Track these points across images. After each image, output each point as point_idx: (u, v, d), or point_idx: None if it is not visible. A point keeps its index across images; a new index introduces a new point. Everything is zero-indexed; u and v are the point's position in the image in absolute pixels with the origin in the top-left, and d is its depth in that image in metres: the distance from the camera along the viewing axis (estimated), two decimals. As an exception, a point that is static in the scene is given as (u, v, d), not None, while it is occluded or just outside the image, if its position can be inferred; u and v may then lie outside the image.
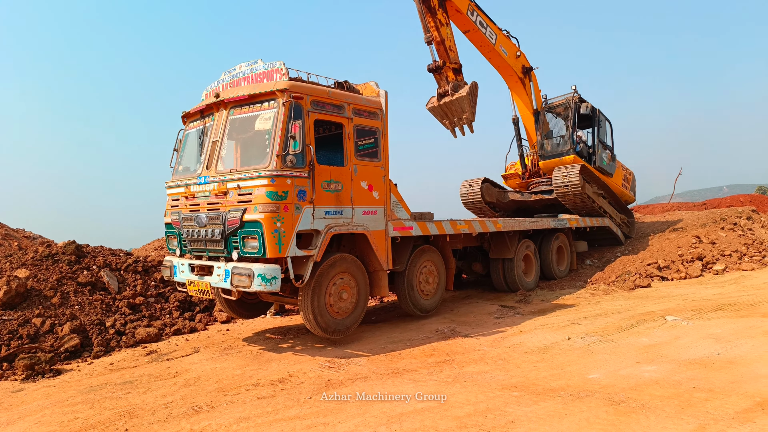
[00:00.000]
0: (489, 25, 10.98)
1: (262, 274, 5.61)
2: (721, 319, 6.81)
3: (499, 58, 11.49)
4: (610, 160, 12.92)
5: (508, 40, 11.61)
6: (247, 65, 6.59)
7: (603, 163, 12.54)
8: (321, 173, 6.16)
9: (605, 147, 12.86)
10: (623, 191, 13.85)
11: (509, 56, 11.60)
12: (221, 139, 6.37)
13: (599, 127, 12.53)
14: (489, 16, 11.01)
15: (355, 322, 6.68)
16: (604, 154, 12.72)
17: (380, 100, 6.99)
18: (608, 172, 12.74)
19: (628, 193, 14.21)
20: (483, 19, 10.79)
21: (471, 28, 10.69)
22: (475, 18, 10.54)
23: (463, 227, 8.10)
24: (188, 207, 6.56)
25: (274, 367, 5.82)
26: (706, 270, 10.65)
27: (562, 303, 8.64)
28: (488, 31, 10.93)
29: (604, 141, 12.81)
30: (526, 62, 12.14)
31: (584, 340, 6.15)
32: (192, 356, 6.59)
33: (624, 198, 14.12)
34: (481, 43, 11.12)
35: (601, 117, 12.66)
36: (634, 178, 14.71)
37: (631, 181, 14.41)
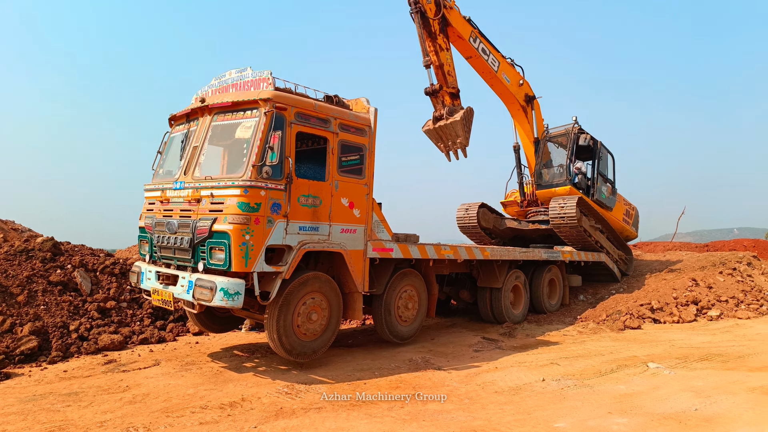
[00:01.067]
0: (492, 52, 10.88)
1: (224, 288, 5.35)
2: (705, 370, 6.47)
3: (501, 85, 11.36)
4: (610, 193, 12.65)
5: (511, 68, 11.49)
6: (236, 72, 6.42)
7: (602, 197, 12.26)
8: (299, 187, 5.93)
9: (606, 180, 12.59)
10: (624, 226, 13.53)
11: (512, 84, 11.45)
12: (202, 145, 6.17)
13: (600, 160, 12.28)
14: (492, 43, 10.91)
15: (323, 346, 6.39)
16: (604, 187, 12.44)
17: (369, 116, 6.78)
18: (607, 206, 12.47)
19: (630, 228, 13.88)
20: (486, 46, 10.70)
21: (473, 55, 10.59)
22: (478, 45, 10.47)
23: (448, 253, 7.81)
24: (162, 212, 6.34)
25: (229, 389, 5.54)
26: (701, 315, 10.28)
27: (547, 339, 8.31)
28: (491, 58, 10.83)
29: (604, 174, 12.55)
30: (529, 91, 11.99)
31: (559, 383, 5.82)
32: (150, 369, 6.32)
33: (625, 233, 13.80)
34: (483, 70, 11.03)
35: (603, 150, 12.43)
36: (638, 214, 14.37)
37: (633, 217, 14.08)
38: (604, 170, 12.52)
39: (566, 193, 11.56)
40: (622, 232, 13.66)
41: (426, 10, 9.05)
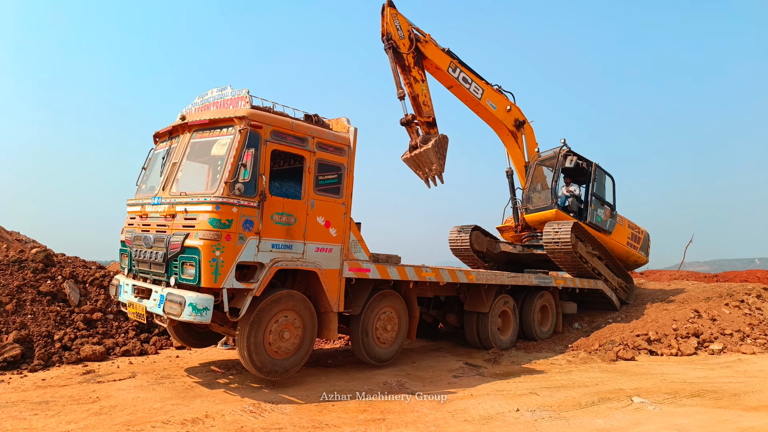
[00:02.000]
0: (474, 80, 10.87)
1: (193, 303, 5.35)
2: (695, 407, 6.22)
3: (486, 112, 11.33)
4: (608, 216, 12.30)
5: (497, 94, 11.42)
6: (217, 90, 6.51)
7: (597, 219, 11.93)
8: (272, 204, 5.94)
9: (603, 203, 12.26)
10: (629, 251, 13.14)
11: (498, 110, 11.40)
12: (180, 162, 6.25)
13: (594, 182, 11.96)
14: (475, 71, 10.89)
15: (296, 364, 6.32)
16: (601, 210, 12.12)
17: (349, 136, 6.80)
18: (604, 230, 12.13)
19: (637, 253, 13.42)
20: (467, 74, 10.71)
21: (453, 84, 10.63)
22: (458, 74, 10.51)
23: (429, 275, 7.71)
24: (141, 226, 6.40)
25: (196, 404, 5.50)
26: (702, 348, 9.95)
27: (532, 368, 8.11)
28: (473, 86, 10.83)
29: (600, 196, 12.20)
30: (519, 115, 11.88)
31: (533, 414, 5.65)
32: (124, 381, 6.33)
33: (632, 258, 13.39)
34: (466, 98, 11.02)
35: (598, 171, 12.08)
36: (647, 238, 13.89)
37: (642, 241, 13.60)
38: (601, 192, 12.20)
39: (552, 216, 11.34)
40: (629, 257, 13.27)
41: (399, 45, 9.19)
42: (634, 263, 13.74)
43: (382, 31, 9.18)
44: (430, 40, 9.84)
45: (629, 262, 13.54)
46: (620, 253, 12.90)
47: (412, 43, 9.39)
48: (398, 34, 9.18)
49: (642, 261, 13.76)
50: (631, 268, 14.10)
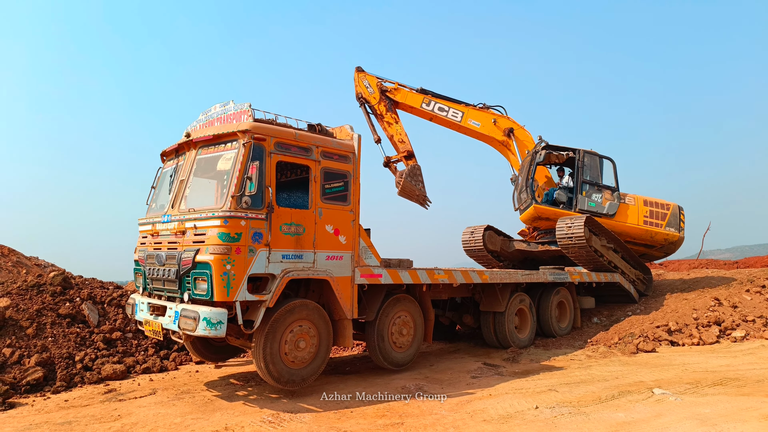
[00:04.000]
0: (451, 106, 11.60)
1: (207, 317, 5.41)
2: (717, 396, 6.13)
3: (471, 131, 11.89)
4: (609, 199, 11.90)
5: (478, 112, 11.91)
6: (220, 106, 6.59)
7: (590, 205, 11.68)
8: (281, 215, 5.99)
9: (599, 187, 11.89)
10: (651, 230, 12.18)
11: (483, 126, 11.85)
12: (188, 179, 6.33)
13: (583, 168, 11.74)
14: (450, 98, 11.64)
15: (313, 373, 6.35)
16: (597, 194, 11.80)
17: (353, 143, 6.83)
18: (601, 213, 11.75)
19: (663, 231, 12.26)
20: (442, 103, 11.53)
21: (432, 117, 11.53)
22: (432, 107, 11.41)
23: (442, 277, 7.71)
24: (153, 245, 6.49)
25: (216, 418, 5.54)
26: (724, 336, 9.80)
27: (552, 364, 8.05)
28: (450, 112, 11.56)
29: (593, 181, 11.88)
30: (508, 124, 12.08)
31: (552, 411, 5.61)
32: (145, 398, 6.39)
33: (658, 237, 12.30)
34: (447, 124, 11.76)
35: (588, 157, 11.84)
36: (677, 213, 12.48)
37: (668, 217, 12.35)
38: (595, 177, 11.89)
39: (533, 213, 11.67)
40: (654, 237, 12.30)
41: (370, 100, 10.71)
42: (664, 242, 12.45)
43: (355, 93, 10.92)
44: (399, 87, 11.18)
45: (657, 241, 12.43)
46: (638, 234, 12.19)
47: (383, 93, 10.86)
48: (368, 91, 10.86)
49: (672, 238, 12.41)
50: (666, 250, 12.82)
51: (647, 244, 12.54)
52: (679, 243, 12.63)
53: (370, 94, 10.89)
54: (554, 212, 11.57)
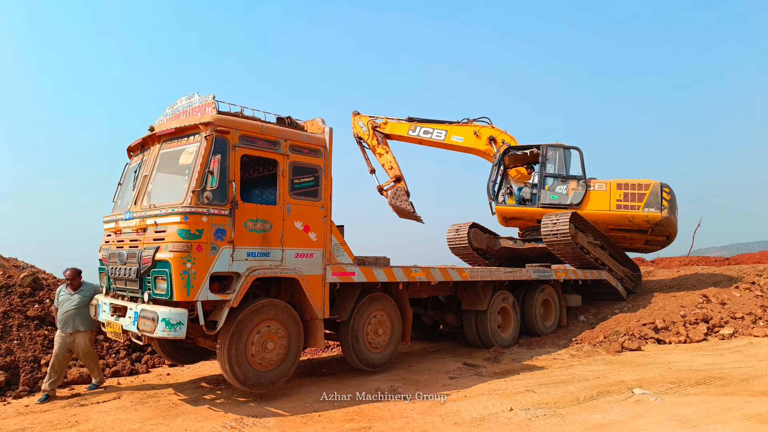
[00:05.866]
0: (435, 128, 12.40)
1: (166, 318, 5.17)
2: (699, 396, 5.93)
3: (455, 146, 12.49)
4: (575, 189, 11.59)
5: (461, 127, 12.44)
6: (186, 99, 6.36)
7: (552, 198, 11.56)
8: (245, 211, 5.75)
9: (564, 179, 11.67)
10: (627, 214, 11.36)
11: (465, 140, 12.35)
12: (151, 174, 6.09)
13: (546, 163, 11.70)
14: (434, 120, 12.48)
15: (282, 375, 6.11)
16: (561, 186, 11.62)
17: (324, 137, 6.60)
18: (565, 204, 11.49)
19: (642, 212, 11.29)
20: (427, 126, 12.42)
21: (419, 140, 12.48)
22: (418, 132, 12.39)
23: (420, 275, 7.48)
24: (116, 243, 6.25)
25: (177, 423, 5.32)
26: (712, 334, 9.62)
27: (533, 364, 7.84)
28: (434, 133, 12.36)
29: (556, 174, 11.72)
30: (489, 133, 12.34)
31: (528, 413, 5.40)
32: (108, 403, 6.17)
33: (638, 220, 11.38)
34: (434, 144, 12.61)
35: (551, 151, 11.73)
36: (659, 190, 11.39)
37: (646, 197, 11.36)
38: (562, 169, 11.72)
39: (499, 215, 12.23)
40: (633, 219, 11.41)
41: (364, 138, 12.27)
42: (649, 225, 11.49)
43: (353, 132, 12.55)
44: (387, 121, 12.47)
45: (640, 225, 11.54)
46: (614, 220, 11.54)
47: (374, 129, 12.30)
48: (362, 130, 12.34)
49: (655, 218, 11.30)
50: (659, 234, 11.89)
51: (632, 230, 11.83)
52: (667, 224, 11.48)
53: (364, 133, 12.32)
54: (516, 211, 11.95)
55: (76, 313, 6.58)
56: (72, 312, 6.56)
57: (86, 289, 6.75)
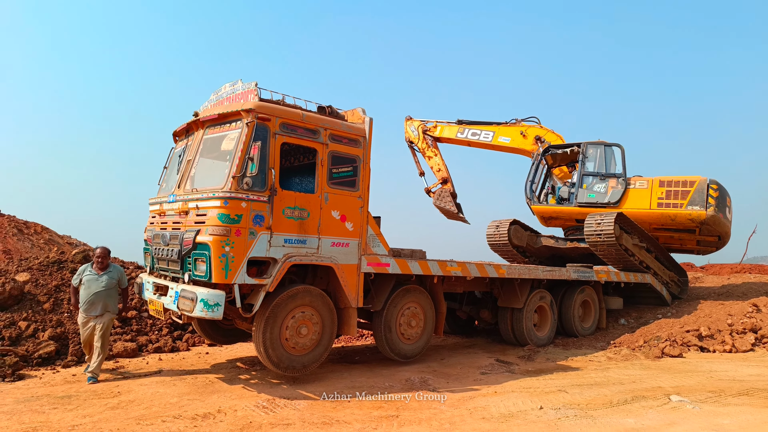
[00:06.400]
0: (482, 129, 12.48)
1: (204, 299, 5.35)
2: (740, 406, 5.70)
3: (502, 148, 12.50)
4: (615, 187, 11.22)
5: (508, 128, 12.39)
6: (230, 85, 6.51)
7: (589, 197, 11.25)
8: (284, 198, 5.86)
9: (603, 177, 11.33)
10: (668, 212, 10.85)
11: (513, 141, 12.30)
12: (194, 158, 6.28)
13: (585, 161, 11.45)
14: (481, 121, 12.57)
15: (315, 361, 6.23)
16: (600, 185, 11.28)
17: (364, 127, 6.64)
18: (602, 203, 11.15)
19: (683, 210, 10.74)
20: (474, 128, 12.55)
21: (468, 143, 12.66)
22: (466, 134, 12.53)
23: (455, 269, 7.45)
24: (160, 225, 6.49)
25: (212, 400, 5.51)
26: (760, 345, 9.20)
27: (567, 365, 7.70)
28: (482, 135, 12.43)
29: (596, 172, 11.42)
30: (536, 132, 12.16)
31: (557, 413, 5.32)
32: (150, 377, 6.43)
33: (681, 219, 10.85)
34: (482, 146, 12.74)
35: (591, 149, 11.43)
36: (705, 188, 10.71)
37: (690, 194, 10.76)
38: (601, 167, 11.38)
39: (538, 212, 12.12)
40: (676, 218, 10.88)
41: (415, 142, 12.69)
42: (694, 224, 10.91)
43: (405, 137, 12.92)
44: (437, 124, 12.74)
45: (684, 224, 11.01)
46: (655, 219, 11.02)
47: (425, 133, 12.66)
48: (413, 135, 12.76)
49: (699, 217, 10.68)
50: (708, 233, 11.30)
51: (679, 229, 11.32)
52: (714, 222, 10.80)
53: (415, 137, 12.75)
54: (553, 210, 11.81)
55: (106, 295, 6.22)
56: (102, 293, 6.19)
57: (113, 271, 6.36)
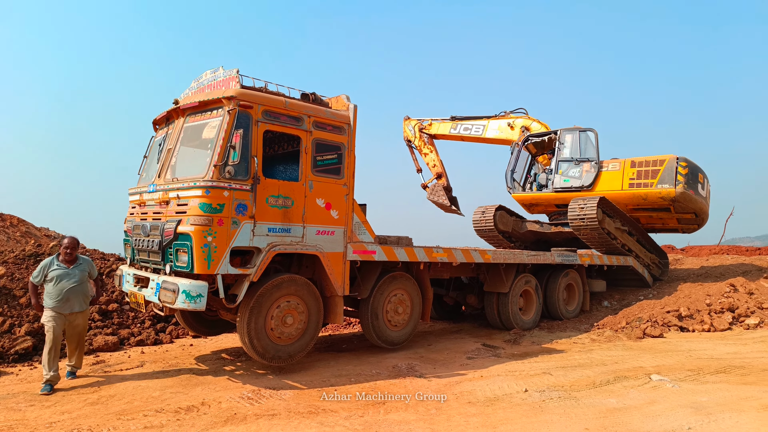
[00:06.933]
0: (474, 122, 12.84)
1: (186, 290, 5.27)
2: (718, 384, 5.83)
3: (493, 140, 12.78)
4: (588, 170, 11.36)
5: (497, 120, 12.67)
6: (211, 72, 6.37)
7: (565, 182, 11.47)
8: (267, 187, 5.78)
9: (578, 161, 11.46)
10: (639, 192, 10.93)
11: (501, 132, 12.59)
12: (175, 147, 6.15)
13: (561, 146, 11.64)
14: (473, 116, 12.92)
15: (301, 350, 6.19)
16: (574, 169, 11.44)
17: (348, 114, 6.56)
18: (576, 187, 11.32)
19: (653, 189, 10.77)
20: (467, 122, 12.90)
21: (461, 137, 13.00)
22: (458, 129, 12.90)
23: (441, 255, 7.45)
24: (140, 215, 6.36)
25: (196, 392, 5.45)
26: (737, 323, 9.41)
27: (552, 347, 7.79)
28: (474, 128, 12.77)
29: (570, 158, 11.55)
30: (523, 123, 12.35)
31: (542, 395, 5.38)
32: (131, 371, 6.33)
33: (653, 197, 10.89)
34: (474, 139, 12.95)
35: (564, 135, 11.59)
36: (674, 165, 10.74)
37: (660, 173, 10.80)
38: (575, 152, 11.50)
39: (519, 200, 12.47)
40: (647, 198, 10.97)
41: (413, 140, 13.22)
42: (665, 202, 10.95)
43: (403, 136, 13.51)
44: (432, 122, 13.25)
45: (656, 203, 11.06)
46: (628, 199, 11.11)
47: (421, 131, 13.16)
48: (411, 134, 13.27)
49: (669, 194, 10.72)
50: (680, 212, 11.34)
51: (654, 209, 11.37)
52: (685, 199, 10.83)
53: (412, 136, 13.27)
54: (532, 198, 12.14)
55: (79, 291, 5.73)
56: (77, 288, 5.69)
57: (84, 263, 5.87)
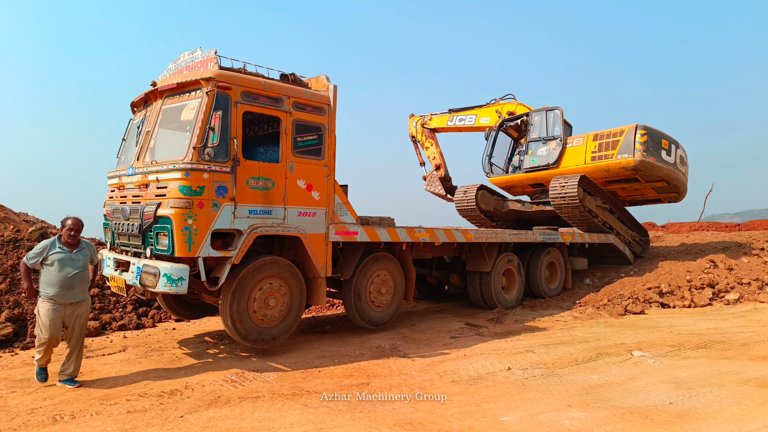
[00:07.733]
0: (467, 114, 13.24)
1: (167, 274, 5.22)
2: (698, 359, 5.95)
3: (484, 128, 13.00)
4: (554, 148, 11.41)
5: (487, 108, 13.02)
6: (189, 54, 6.23)
7: (533, 161, 11.70)
8: (247, 169, 5.71)
9: (545, 140, 11.57)
10: (600, 165, 10.78)
11: (491, 119, 12.82)
12: (153, 130, 6.04)
13: (530, 128, 11.96)
14: (466, 107, 13.32)
15: (284, 332, 6.19)
16: (542, 149, 11.57)
17: (328, 94, 6.48)
18: (543, 166, 11.47)
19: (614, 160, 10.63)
20: (461, 114, 13.32)
21: (457, 129, 13.44)
22: (454, 121, 13.36)
23: (423, 235, 7.46)
24: (119, 198, 6.27)
25: (179, 376, 5.44)
26: (717, 299, 9.59)
27: (535, 325, 7.88)
28: (467, 119, 13.18)
29: (539, 137, 11.72)
30: (509, 108, 12.60)
31: (525, 373, 5.45)
32: (113, 356, 6.29)
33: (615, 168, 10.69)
34: (469, 130, 13.34)
35: (533, 116, 11.90)
36: (631, 137, 10.54)
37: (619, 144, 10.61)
38: (543, 132, 11.65)
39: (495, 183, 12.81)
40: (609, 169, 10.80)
41: (416, 135, 14.00)
42: (624, 171, 10.75)
43: (408, 133, 14.29)
44: (431, 117, 13.83)
45: (618, 173, 10.87)
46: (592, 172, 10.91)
47: (422, 126, 13.85)
48: (414, 130, 14.05)
49: (628, 164, 10.52)
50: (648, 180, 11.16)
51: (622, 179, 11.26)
52: (646, 167, 10.57)
53: (416, 131, 13.97)
54: (506, 180, 12.48)
55: (83, 278, 5.23)
56: (80, 275, 5.16)
57: (86, 247, 5.31)
